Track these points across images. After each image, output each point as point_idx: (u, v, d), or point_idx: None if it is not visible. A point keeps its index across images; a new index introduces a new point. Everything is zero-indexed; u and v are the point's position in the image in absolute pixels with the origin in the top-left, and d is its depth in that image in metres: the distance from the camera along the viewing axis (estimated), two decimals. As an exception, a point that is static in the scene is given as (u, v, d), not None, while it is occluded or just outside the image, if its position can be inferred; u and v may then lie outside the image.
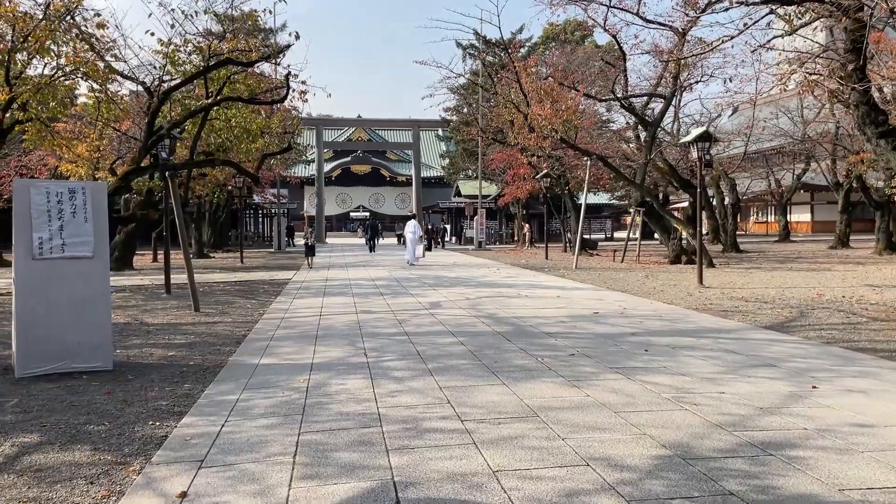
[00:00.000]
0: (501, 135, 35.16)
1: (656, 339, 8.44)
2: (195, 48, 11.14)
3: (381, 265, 24.20)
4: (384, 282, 17.37)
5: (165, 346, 8.68)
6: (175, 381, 6.71)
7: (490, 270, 21.06)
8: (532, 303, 12.45)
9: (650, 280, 17.29)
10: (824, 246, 33.68)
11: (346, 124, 64.36)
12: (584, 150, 22.09)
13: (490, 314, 10.90)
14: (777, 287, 15.16)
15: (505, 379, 6.37)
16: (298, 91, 12.77)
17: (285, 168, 36.34)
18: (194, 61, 15.34)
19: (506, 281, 17.23)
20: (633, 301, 12.77)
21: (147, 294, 15.04)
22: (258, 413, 5.46)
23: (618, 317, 10.58)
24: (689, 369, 6.76)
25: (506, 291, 14.52)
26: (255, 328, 10.01)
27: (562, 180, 29.39)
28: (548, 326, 9.54)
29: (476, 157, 42.11)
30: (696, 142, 15.25)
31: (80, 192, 7.15)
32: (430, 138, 69.03)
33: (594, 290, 14.78)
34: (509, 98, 27.52)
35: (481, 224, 37.98)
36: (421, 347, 8.04)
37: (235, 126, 15.13)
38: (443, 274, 19.74)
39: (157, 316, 11.44)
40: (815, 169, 39.49)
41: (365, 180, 68.32)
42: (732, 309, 11.52)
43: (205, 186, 27.22)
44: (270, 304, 13.04)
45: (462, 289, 15.25)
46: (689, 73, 26.32)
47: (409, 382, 6.34)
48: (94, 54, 14.84)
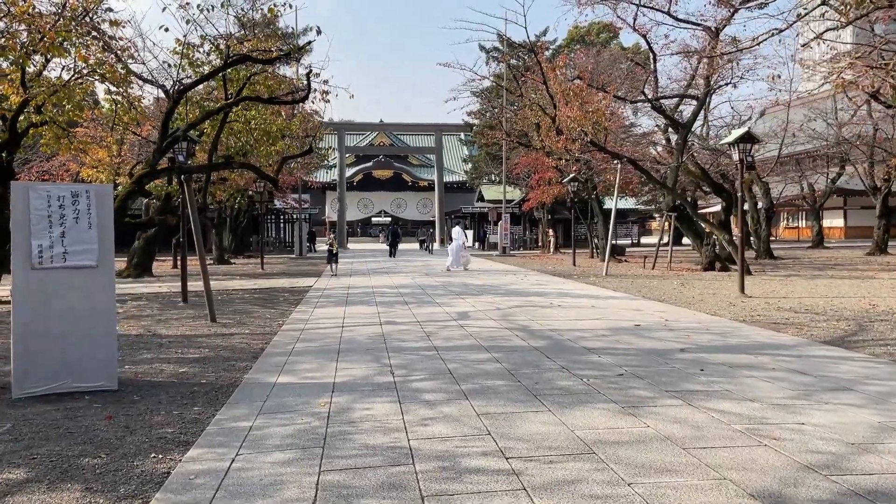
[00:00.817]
0: (526, 138, 34.47)
1: (710, 357, 7.68)
2: (213, 48, 10.61)
3: (404, 272, 23.58)
4: (408, 290, 16.73)
5: (178, 361, 8.09)
6: (184, 404, 6.10)
7: (517, 277, 20.34)
8: (566, 313, 11.72)
9: (687, 288, 16.47)
10: (860, 252, 32.50)
11: (368, 129, 63.98)
12: (614, 152, 21.30)
13: (523, 326, 10.19)
14: (823, 296, 14.28)
15: (550, 404, 5.67)
16: (320, 91, 12.25)
17: (307, 173, 35.91)
18: (213, 62, 14.86)
19: (535, 289, 16.51)
20: (674, 311, 11.99)
21: (164, 302, 14.53)
22: (273, 444, 4.82)
23: (661, 329, 9.82)
24: (756, 393, 6.01)
25: (537, 300, 13.79)
26: (273, 341, 9.41)
27: (589, 184, 28.59)
28: (588, 341, 8.82)
29: (500, 161, 41.42)
30: (738, 143, 14.44)
31: (83, 195, 6.59)
32: (453, 143, 68.43)
33: (630, 300, 14.01)
34: (535, 101, 26.84)
35: (505, 229, 37.23)
36: (452, 365, 7.37)
37: (255, 128, 14.60)
38: (469, 281, 19.06)
39: (171, 327, 10.89)
40: (849, 173, 38.31)
41: (387, 185, 67.86)
42: (783, 321, 10.71)
43: (225, 191, 26.82)
44: (290, 313, 12.45)
45: (490, 297, 14.56)
46: (718, 75, 25.46)
47: (442, 408, 5.66)
48: (112, 55, 14.41)
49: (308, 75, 11.64)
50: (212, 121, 15.59)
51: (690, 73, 25.85)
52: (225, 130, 16.23)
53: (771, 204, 30.98)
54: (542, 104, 25.91)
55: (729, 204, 25.64)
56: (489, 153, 44.54)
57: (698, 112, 23.56)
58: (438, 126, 50.51)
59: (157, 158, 10.35)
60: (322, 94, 12.16)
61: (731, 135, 14.79)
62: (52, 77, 15.03)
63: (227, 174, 20.03)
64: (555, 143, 21.50)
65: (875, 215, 32.19)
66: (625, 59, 30.89)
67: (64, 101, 14.29)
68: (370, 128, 63.16)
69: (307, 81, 11.63)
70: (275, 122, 14.68)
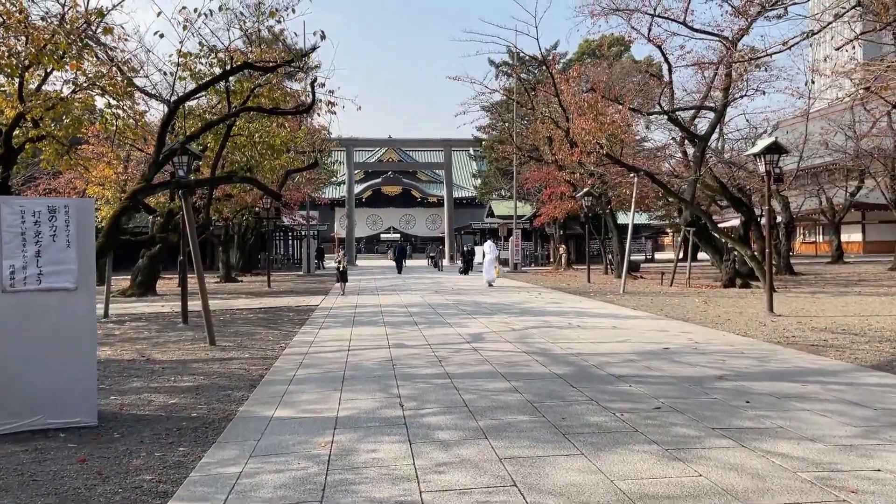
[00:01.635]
0: (537, 152, 33.85)
1: (753, 386, 6.95)
2: (213, 55, 10.03)
3: (414, 289, 22.90)
4: (417, 308, 16.05)
5: (169, 390, 7.43)
6: (169, 442, 5.44)
7: (531, 295, 19.62)
8: (587, 335, 10.99)
9: (710, 306, 15.71)
10: (882, 267, 31.59)
11: (376, 145, 63.55)
12: (630, 165, 20.62)
13: (543, 350, 9.48)
14: (857, 315, 13.50)
15: (582, 445, 4.97)
16: (325, 101, 11.66)
17: (315, 189, 35.40)
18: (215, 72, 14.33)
19: (551, 308, 15.79)
20: (702, 333, 11.24)
21: (163, 323, 13.91)
22: (264, 497, 4.14)
23: (693, 353, 9.09)
24: (815, 430, 5.28)
25: (554, 321, 13.07)
26: (273, 366, 8.74)
27: (603, 199, 27.88)
28: (615, 367, 8.10)
29: (510, 176, 40.82)
30: (764, 154, 13.73)
31: (61, 211, 5.98)
32: (462, 158, 67.95)
33: (652, 319, 13.27)
34: (547, 114, 26.25)
35: (517, 245, 36.52)
36: (468, 396, 6.67)
37: (259, 142, 14.03)
38: (480, 299, 18.35)
39: (167, 351, 10.24)
40: (869, 186, 37.43)
41: (395, 201, 67.37)
42: (821, 343, 9.96)
43: (231, 208, 26.29)
44: (294, 335, 11.79)
45: (504, 317, 13.85)
46: (736, 87, 24.79)
47: (458, 450, 4.97)
48: (114, 67, 13.92)
49: (313, 84, 11.05)
50: (214, 135, 15.05)
51: (706, 84, 25.25)
52: (229, 145, 15.67)
53: (791, 218, 30.19)
54: (554, 117, 25.32)
55: (748, 218, 24.89)
56: (499, 168, 43.96)
57: (716, 124, 22.87)
58: (447, 141, 50.01)
59: (154, 172, 9.78)
60: (328, 104, 11.60)
61: (755, 145, 14.10)
62: (50, 91, 14.57)
63: (232, 190, 19.49)
64: (568, 157, 20.85)
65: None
66: (637, 73, 30.34)
67: (62, 116, 13.82)
68: (378, 143, 62.74)
69: (312, 91, 11.05)
70: (278, 134, 14.08)
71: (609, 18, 22.94)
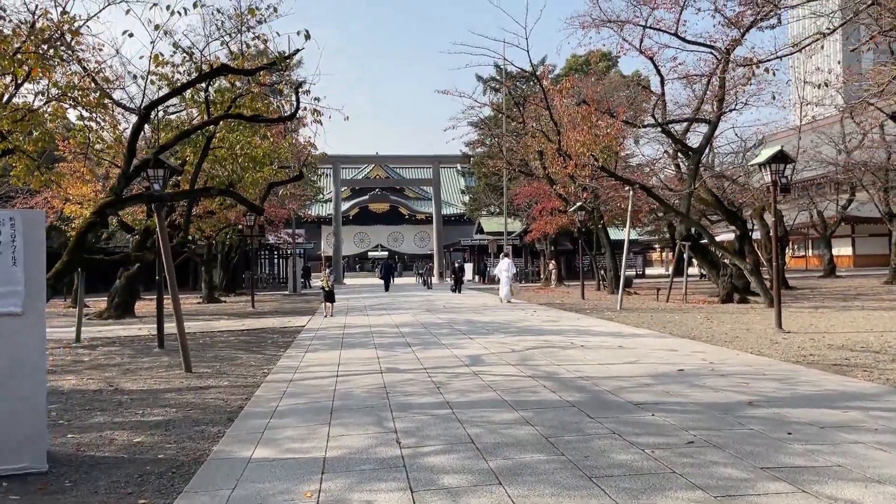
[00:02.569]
0: (527, 167, 33.29)
1: (789, 413, 6.25)
2: (190, 60, 9.27)
3: (404, 308, 22.12)
4: (409, 328, 15.27)
5: (135, 426, 6.62)
6: (129, 493, 4.64)
7: (526, 313, 18.89)
8: (593, 355, 10.27)
9: (714, 323, 15.06)
10: (876, 281, 31.17)
11: (363, 161, 62.95)
12: (626, 179, 20.05)
13: (549, 373, 8.74)
14: (870, 331, 12.90)
15: (614, 492, 4.22)
16: (311, 110, 10.94)
17: (301, 206, 34.60)
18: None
19: (549, 326, 15.06)
20: (715, 352, 10.56)
21: (138, 348, 13.05)
22: (235, 570, 3.36)
23: (711, 375, 8.38)
24: (878, 469, 4.58)
25: (555, 340, 12.34)
26: (254, 396, 7.94)
27: (595, 214, 27.30)
28: (631, 392, 7.37)
29: (499, 191, 40.27)
30: (770, 163, 13.16)
31: (6, 224, 5.20)
32: (450, 175, 67.44)
33: (658, 338, 12.57)
34: (538, 128, 25.71)
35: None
36: (473, 430, 5.91)
37: (240, 154, 13.27)
38: (474, 318, 17.60)
39: (138, 379, 9.41)
40: (859, 199, 37.18)
41: (383, 219, 66.64)
42: (843, 362, 9.30)
43: (214, 226, 25.43)
44: (278, 359, 10.98)
45: (502, 337, 13.10)
46: (731, 97, 24.37)
47: (468, 499, 4.21)
48: (86, 76, 13.17)
49: (297, 89, 10.34)
50: (193, 148, 14.30)
51: (698, 97, 24.83)
52: (209, 158, 14.91)
53: (785, 232, 29.72)
54: (545, 131, 24.78)
55: (743, 232, 24.36)
56: (488, 184, 43.37)
57: (710, 136, 22.40)
58: (436, 157, 49.46)
59: (124, 185, 8.99)
60: (314, 112, 10.87)
61: (759, 155, 13.54)
62: (18, 103, 13.77)
63: (213, 207, 18.68)
64: (562, 170, 20.25)
65: (889, 242, 30.96)
66: (625, 87, 29.92)
67: (31, 129, 13.02)
68: (366, 160, 62.15)
69: (296, 96, 10.34)
70: (260, 146, 13.29)
71: (601, 30, 22.53)
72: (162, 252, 9.42)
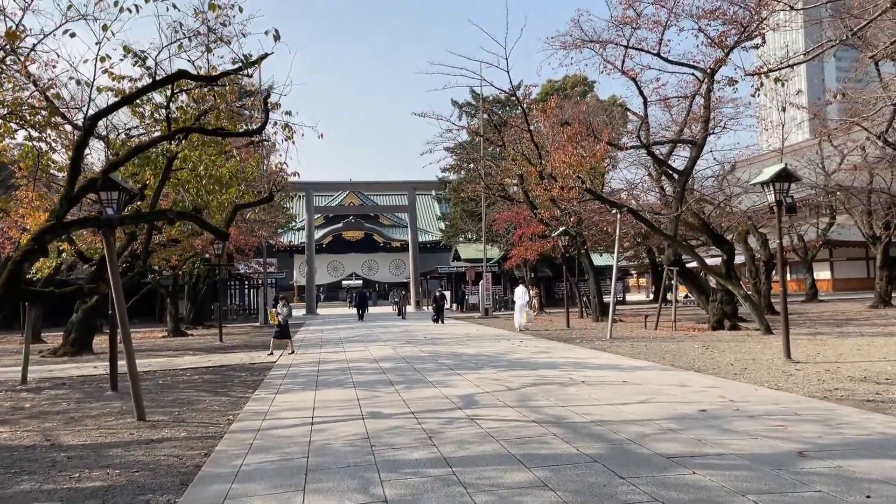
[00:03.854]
0: (506, 192, 32.52)
1: (852, 467, 5.27)
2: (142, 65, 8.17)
3: (382, 339, 20.93)
4: (390, 363, 14.12)
5: (66, 496, 5.43)
6: None
7: (512, 344, 17.83)
8: (599, 393, 9.23)
9: (715, 352, 14.16)
10: (860, 305, 30.78)
11: (337, 188, 61.78)
12: (613, 201, 19.26)
13: (556, 417, 7.67)
14: (883, 359, 12.12)
15: None
16: (282, 125, 9.91)
17: (271, 232, 33.28)
18: (154, 99, 12.52)
19: (541, 359, 14.01)
20: (729, 387, 9.60)
21: (89, 390, 11.75)
22: None
23: (739, 417, 7.40)
24: None
25: (551, 375, 11.29)
26: (215, 451, 6.76)
27: (578, 239, 26.48)
28: (657, 440, 6.34)
29: (476, 217, 39.41)
30: (773, 182, 12.40)
31: None
32: (426, 201, 66.56)
33: (662, 371, 11.60)
34: (519, 150, 24.94)
35: (487, 289, 34.85)
36: (482, 498, 4.82)
37: (204, 175, 12.14)
38: (459, 350, 16.49)
39: (82, 430, 8.16)
40: (839, 223, 36.99)
41: (357, 247, 65.32)
42: (875, 397, 8.42)
43: (181, 256, 24.09)
44: (245, 403, 9.77)
45: (493, 372, 12.01)
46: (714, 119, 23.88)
47: None
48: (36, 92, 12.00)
49: (266, 100, 9.28)
50: (153, 170, 13.13)
51: (680, 119, 24.32)
52: (172, 182, 13.75)
53: (770, 256, 29.18)
54: (526, 153, 24.01)
55: (730, 257, 23.71)
56: (465, 210, 42.51)
57: (697, 157, 21.75)
58: (411, 183, 48.56)
59: (66, 208, 7.84)
60: (285, 128, 9.83)
61: (762, 173, 12.78)
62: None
63: (177, 234, 17.42)
64: (546, 193, 19.39)
65: (867, 266, 30.61)
66: (602, 112, 29.40)
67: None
68: (340, 187, 61.04)
69: (264, 108, 9.29)
70: (225, 164, 12.13)
71: (582, 50, 21.93)
72: (112, 283, 8.25)
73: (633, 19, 21.88)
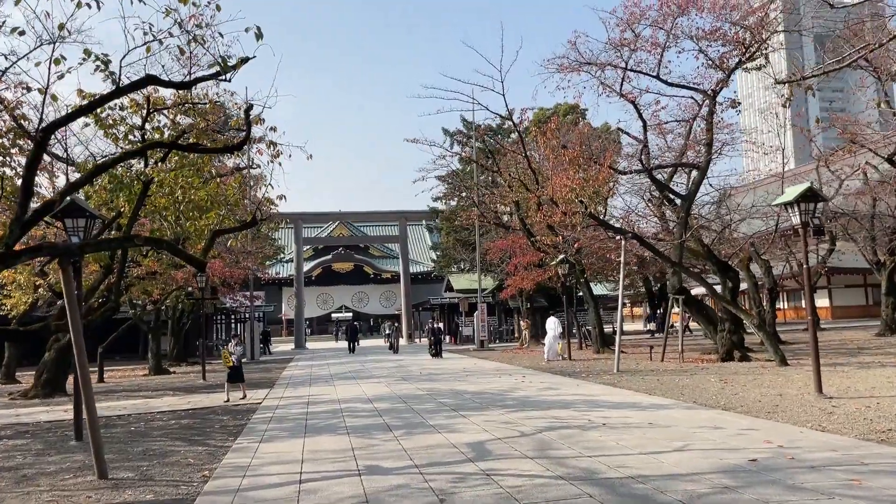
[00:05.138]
0: (501, 220, 31.67)
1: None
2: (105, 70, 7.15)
3: (375, 376, 19.75)
4: (386, 403, 12.98)
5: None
6: None
7: (515, 380, 16.73)
8: (626, 439, 8.17)
9: (736, 387, 13.14)
10: (864, 333, 29.88)
11: (326, 219, 60.83)
12: (617, 228, 18.39)
13: (586, 471, 6.60)
14: (923, 393, 11.14)
15: None
16: (267, 142, 8.91)
17: (257, 262, 32.10)
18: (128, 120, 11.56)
19: (550, 396, 12.93)
20: (770, 429, 8.56)
21: (52, 440, 10.55)
22: None
23: (798, 468, 6.36)
24: None
25: (567, 417, 10.21)
26: (184, 521, 5.65)
27: (577, 267, 25.54)
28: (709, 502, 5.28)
29: (470, 246, 38.51)
30: (799, 202, 11.53)
31: None
32: (417, 231, 65.65)
33: (687, 409, 10.55)
34: (515, 176, 24.14)
35: (483, 321, 33.74)
36: None
37: (182, 200, 11.09)
38: (459, 387, 15.37)
39: (32, 493, 7.00)
40: (839, 249, 36.30)
41: (347, 279, 64.08)
42: (939, 439, 7.40)
43: (163, 289, 22.89)
44: (224, 454, 8.62)
45: (500, 413, 10.91)
46: (697, 150, 23.19)
47: None
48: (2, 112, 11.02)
49: (247, 112, 8.30)
50: (128, 197, 12.09)
51: (678, 144, 23.65)
52: (148, 209, 12.70)
53: (774, 283, 28.30)
54: (523, 179, 23.20)
55: (735, 285, 22.83)
56: (458, 239, 41.57)
57: (700, 181, 20.98)
58: (402, 213, 47.67)
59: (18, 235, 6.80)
60: (269, 146, 8.84)
61: (785, 193, 11.92)
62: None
63: (156, 265, 16.32)
64: (547, 219, 18.48)
65: (882, 293, 29.76)
66: (595, 138, 28.72)
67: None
68: (329, 217, 60.09)
69: (246, 121, 8.30)
70: (202, 187, 11.05)
71: (581, 73, 21.25)
72: (70, 321, 7.18)
73: (632, 41, 21.30)
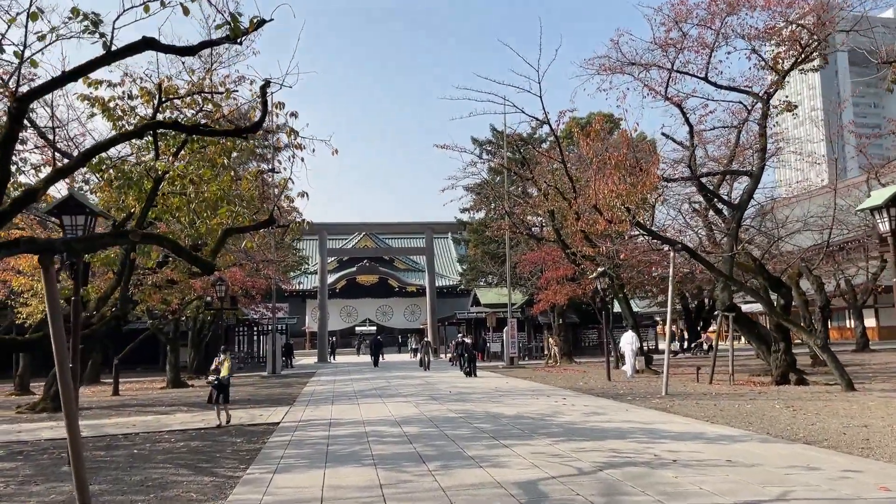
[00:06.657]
0: (531, 231, 30.37)
1: None
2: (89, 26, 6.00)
3: (402, 394, 18.49)
4: (416, 427, 11.70)
5: None
6: None
7: (554, 402, 15.35)
8: (709, 482, 6.80)
9: (809, 416, 11.65)
10: (921, 354, 28.02)
11: (351, 230, 59.94)
12: (667, 238, 17.02)
13: (672, 529, 5.27)
14: None
15: None
16: (287, 129, 7.82)
17: (278, 271, 31.05)
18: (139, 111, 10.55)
19: (598, 422, 11.55)
20: (879, 472, 7.15)
21: (44, 463, 9.45)
22: None
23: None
24: None
25: (626, 449, 8.85)
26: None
27: (616, 281, 24.12)
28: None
29: (499, 259, 37.20)
30: (889, 207, 10.11)
31: None
32: (444, 245, 64.48)
33: (763, 443, 9.13)
34: (551, 183, 22.88)
35: (512, 336, 32.36)
36: None
37: (194, 199, 10.00)
38: (494, 409, 14.05)
39: (-3, 536, 5.85)
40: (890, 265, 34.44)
41: (372, 292, 63.00)
42: None
43: (182, 298, 21.91)
44: (232, 487, 7.42)
45: (548, 443, 9.57)
46: (742, 159, 21.73)
47: None
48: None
49: (263, 89, 7.17)
50: (138, 194, 11.05)
51: (725, 151, 22.23)
52: (159, 208, 11.64)
53: (826, 302, 26.60)
54: (560, 188, 21.93)
55: (788, 302, 21.26)
56: (487, 251, 40.27)
57: (753, 189, 19.51)
58: (429, 225, 46.53)
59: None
60: (290, 133, 7.74)
61: (871, 197, 10.51)
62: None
63: (173, 273, 15.31)
64: (590, 227, 17.18)
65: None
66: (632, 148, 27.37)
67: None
68: (354, 228, 59.19)
69: (262, 100, 7.18)
70: (213, 180, 9.93)
71: (625, 73, 19.98)
72: (52, 330, 6.09)
73: (678, 40, 20.00)
